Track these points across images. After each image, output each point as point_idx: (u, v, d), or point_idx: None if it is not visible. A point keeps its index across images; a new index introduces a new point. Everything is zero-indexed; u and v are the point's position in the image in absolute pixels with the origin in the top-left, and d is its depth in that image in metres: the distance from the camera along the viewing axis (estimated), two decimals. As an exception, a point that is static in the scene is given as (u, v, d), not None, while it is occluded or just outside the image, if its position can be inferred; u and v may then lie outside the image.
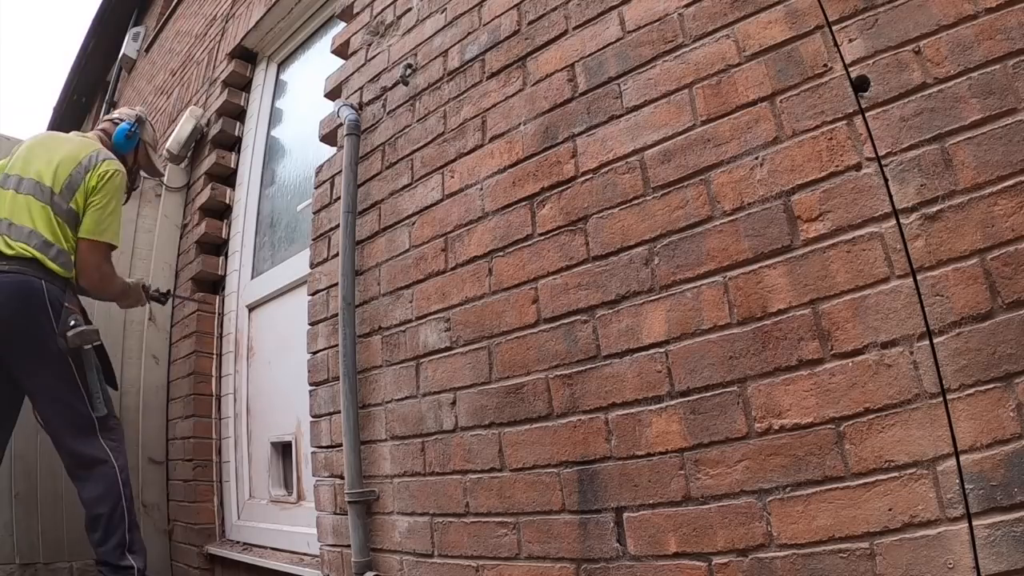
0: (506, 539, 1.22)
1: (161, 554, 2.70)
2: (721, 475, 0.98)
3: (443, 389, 1.41)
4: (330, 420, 1.69)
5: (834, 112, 0.98)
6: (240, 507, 2.55)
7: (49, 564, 2.39)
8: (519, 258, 1.33)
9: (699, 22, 1.16)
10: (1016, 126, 0.82)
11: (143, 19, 6.01)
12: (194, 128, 3.18)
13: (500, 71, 1.49)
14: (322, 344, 1.78)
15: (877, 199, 0.91)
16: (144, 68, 5.19)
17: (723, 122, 1.09)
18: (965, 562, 0.77)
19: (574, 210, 1.26)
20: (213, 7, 3.77)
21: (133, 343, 2.88)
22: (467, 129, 1.52)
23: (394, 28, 1.87)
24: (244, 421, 2.63)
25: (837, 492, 0.87)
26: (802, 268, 0.96)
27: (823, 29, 1.01)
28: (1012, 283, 0.79)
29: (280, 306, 2.55)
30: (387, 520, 1.47)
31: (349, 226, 1.69)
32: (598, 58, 1.30)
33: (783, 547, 0.90)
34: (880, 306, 0.88)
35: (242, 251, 2.86)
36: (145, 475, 2.74)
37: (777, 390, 0.95)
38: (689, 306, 1.06)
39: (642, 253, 1.14)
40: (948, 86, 0.89)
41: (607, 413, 1.13)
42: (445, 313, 1.45)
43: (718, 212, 1.07)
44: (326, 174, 1.95)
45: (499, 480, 1.26)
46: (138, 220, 3.05)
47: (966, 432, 0.79)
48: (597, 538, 1.10)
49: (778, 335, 0.96)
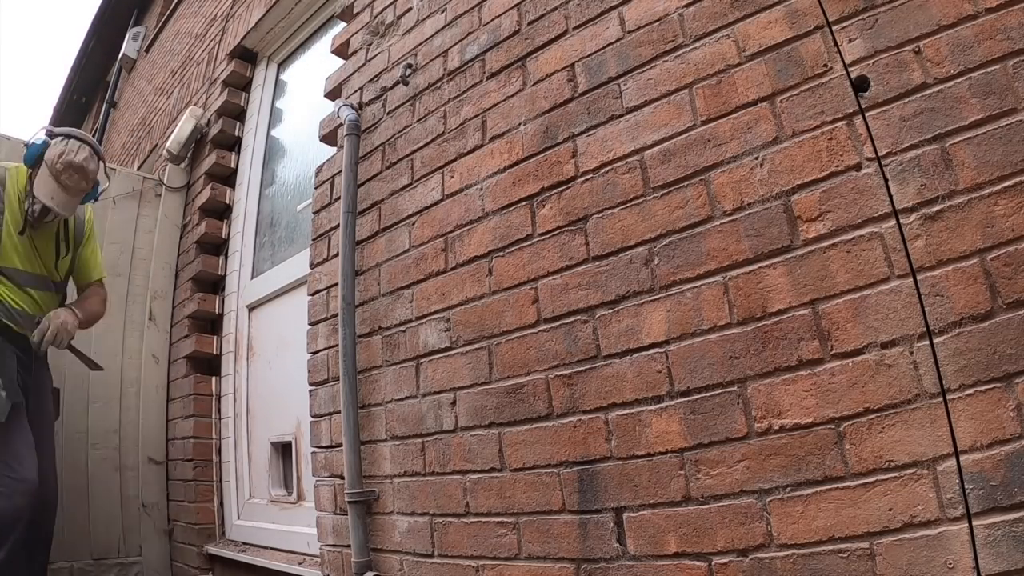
0: (506, 539, 1.22)
1: (161, 554, 2.71)
2: (721, 475, 0.98)
3: (443, 389, 1.41)
4: (330, 420, 1.69)
5: (834, 112, 0.98)
6: (240, 507, 2.55)
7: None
8: (519, 258, 1.33)
9: (699, 22, 1.16)
10: (1016, 126, 0.82)
11: (143, 19, 6.02)
12: (194, 128, 3.18)
13: (500, 71, 1.49)
14: (322, 344, 1.78)
15: (877, 199, 0.91)
16: (144, 68, 5.19)
17: (723, 122, 1.09)
18: (965, 562, 0.77)
19: (574, 210, 1.26)
20: (213, 7, 3.77)
21: (133, 343, 2.88)
22: (467, 129, 1.52)
23: (394, 28, 1.87)
24: (244, 421, 2.63)
25: (837, 492, 0.87)
26: (802, 268, 0.96)
27: (823, 29, 1.01)
28: (1012, 283, 0.79)
29: (280, 306, 2.55)
30: (387, 520, 1.47)
31: (349, 226, 1.69)
32: (598, 58, 1.30)
33: (783, 547, 0.90)
34: (880, 306, 0.88)
35: (242, 251, 2.86)
36: (145, 475, 2.75)
37: (777, 390, 0.95)
38: (689, 306, 1.06)
39: (642, 253, 1.14)
40: (948, 86, 0.89)
41: (607, 413, 1.13)
42: (445, 313, 1.45)
43: (718, 212, 1.07)
44: (326, 174, 1.95)
45: (499, 480, 1.26)
46: (138, 220, 3.05)
47: (966, 432, 0.79)
48: (597, 538, 1.10)
49: (778, 335, 0.96)
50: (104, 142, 5.80)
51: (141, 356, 2.88)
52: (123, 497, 2.66)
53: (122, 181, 3.05)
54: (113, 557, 2.57)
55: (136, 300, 2.95)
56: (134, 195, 3.07)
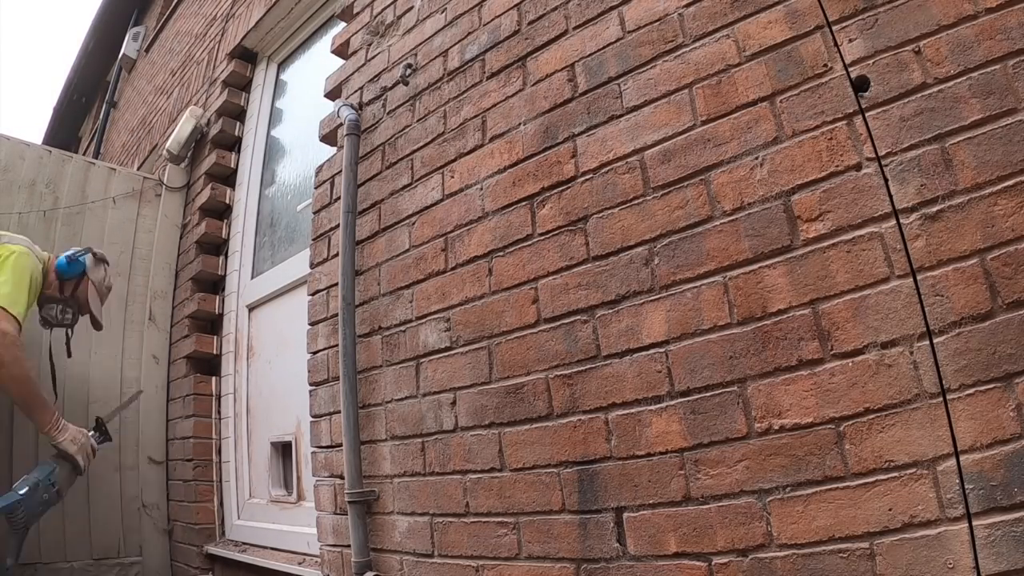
0: (506, 539, 1.22)
1: (161, 554, 2.71)
2: (721, 475, 0.98)
3: (443, 389, 1.41)
4: (330, 420, 1.69)
5: (834, 112, 0.98)
6: (240, 507, 2.55)
7: (49, 564, 2.40)
8: (519, 258, 1.33)
9: (699, 22, 1.16)
10: (1016, 126, 0.82)
11: (143, 19, 6.02)
12: (194, 128, 3.18)
13: (500, 71, 1.49)
14: (322, 344, 1.78)
15: (877, 199, 0.91)
16: (144, 68, 5.19)
17: (723, 122, 1.09)
18: (965, 562, 0.77)
19: (574, 210, 1.26)
20: (213, 7, 3.77)
21: (133, 343, 2.88)
22: (467, 129, 1.52)
23: (394, 28, 1.87)
24: (244, 421, 2.63)
25: (837, 492, 0.87)
26: (802, 268, 0.96)
27: (823, 29, 1.01)
28: (1012, 283, 0.79)
29: (280, 306, 2.55)
30: (387, 520, 1.47)
31: (349, 226, 1.69)
32: (598, 58, 1.30)
33: (783, 547, 0.90)
34: (880, 306, 0.88)
35: (242, 251, 2.86)
36: (145, 475, 2.75)
37: (777, 390, 0.95)
38: (689, 306, 1.06)
39: (642, 253, 1.14)
40: (948, 86, 0.89)
41: (607, 413, 1.13)
42: (445, 313, 1.45)
43: (718, 212, 1.07)
44: (326, 174, 1.95)
45: (499, 480, 1.26)
46: (138, 220, 3.06)
47: (966, 432, 0.79)
48: (597, 538, 1.10)
49: (778, 335, 0.96)
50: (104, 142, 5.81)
51: (141, 356, 2.88)
52: (123, 497, 2.67)
53: (122, 181, 3.05)
54: (113, 557, 2.57)
55: (136, 300, 2.95)
56: (134, 195, 3.07)
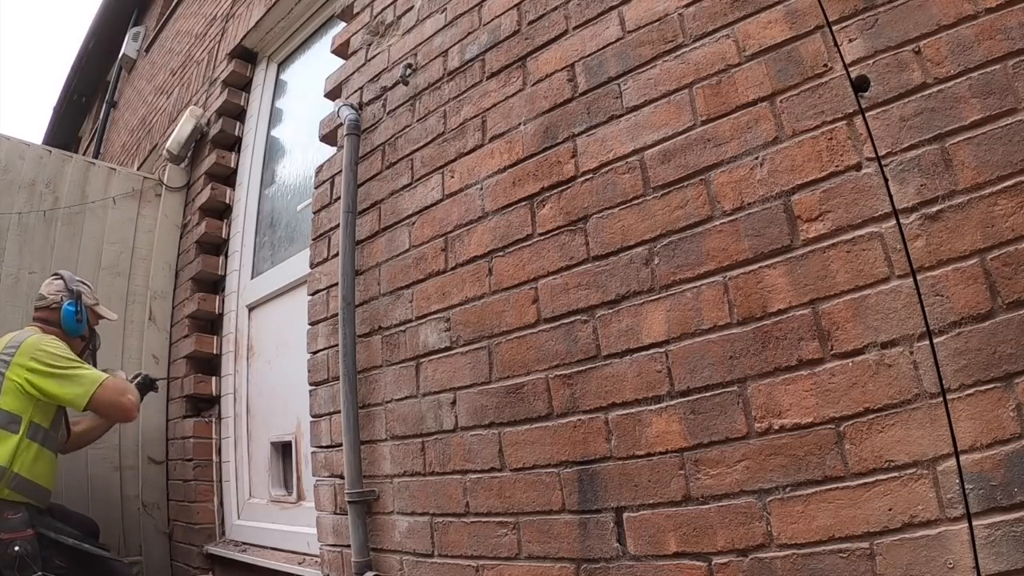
0: (506, 539, 1.22)
1: (161, 554, 2.71)
2: (721, 475, 0.98)
3: (443, 389, 1.41)
4: (330, 420, 1.69)
5: (834, 112, 0.98)
6: (240, 507, 2.55)
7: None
8: (519, 258, 1.33)
9: (699, 22, 1.16)
10: (1016, 126, 0.82)
11: (143, 19, 6.02)
12: (194, 128, 3.18)
13: (500, 71, 1.49)
14: (322, 344, 1.78)
15: (877, 199, 0.91)
16: (144, 68, 5.19)
17: (723, 122, 1.09)
18: (965, 562, 0.77)
19: (574, 210, 1.26)
20: (213, 7, 3.77)
21: (133, 343, 2.88)
22: (467, 129, 1.52)
23: (394, 28, 1.87)
24: (244, 421, 2.63)
25: (837, 492, 0.87)
26: (802, 268, 0.96)
27: (823, 29, 1.01)
28: (1012, 283, 0.79)
29: (280, 306, 2.55)
30: (387, 520, 1.47)
31: (349, 226, 1.69)
32: (598, 58, 1.30)
33: (783, 547, 0.90)
34: (880, 306, 0.88)
35: (242, 251, 2.86)
36: (145, 475, 2.75)
37: (777, 390, 0.95)
38: (689, 306, 1.06)
39: (642, 253, 1.14)
40: (948, 86, 0.89)
41: (607, 413, 1.13)
42: (445, 313, 1.45)
43: (718, 212, 1.07)
44: (326, 174, 1.95)
45: (499, 480, 1.26)
46: (138, 220, 3.06)
47: (966, 432, 0.79)
48: (597, 538, 1.10)
49: (778, 335, 0.96)
50: (104, 142, 5.81)
51: (141, 356, 2.89)
52: (123, 497, 2.67)
53: (122, 181, 3.06)
54: (113, 557, 2.57)
55: (136, 300, 2.95)
56: (134, 195, 3.07)
